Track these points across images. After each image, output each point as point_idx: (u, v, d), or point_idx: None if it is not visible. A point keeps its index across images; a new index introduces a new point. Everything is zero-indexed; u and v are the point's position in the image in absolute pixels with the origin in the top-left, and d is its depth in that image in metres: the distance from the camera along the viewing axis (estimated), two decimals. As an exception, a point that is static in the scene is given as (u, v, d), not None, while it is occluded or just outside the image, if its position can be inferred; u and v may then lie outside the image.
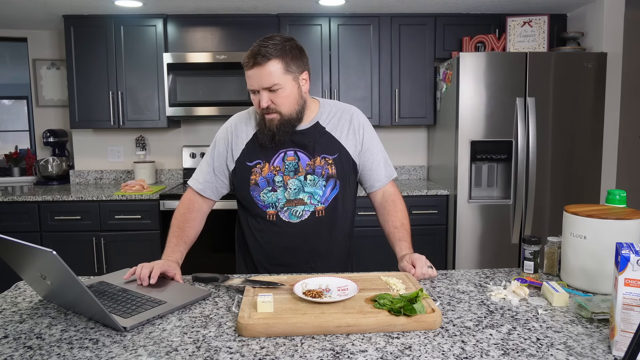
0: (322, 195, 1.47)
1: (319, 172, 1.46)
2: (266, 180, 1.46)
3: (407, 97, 3.39)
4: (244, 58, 1.38)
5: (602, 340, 0.98)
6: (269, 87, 1.36)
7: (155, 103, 3.34)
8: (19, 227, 3.06)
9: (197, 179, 1.58)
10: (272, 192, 1.46)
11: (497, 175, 3.08)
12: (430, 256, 3.42)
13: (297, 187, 1.46)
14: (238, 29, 3.32)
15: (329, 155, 1.48)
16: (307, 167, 1.46)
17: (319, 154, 1.47)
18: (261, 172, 1.47)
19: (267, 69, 1.34)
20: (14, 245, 1.05)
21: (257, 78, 1.36)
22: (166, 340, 1.00)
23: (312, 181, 1.46)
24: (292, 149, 1.47)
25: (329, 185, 1.48)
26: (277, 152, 1.47)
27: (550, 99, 2.93)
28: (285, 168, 1.46)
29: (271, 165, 1.46)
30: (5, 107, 8.12)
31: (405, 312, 1.03)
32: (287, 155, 1.47)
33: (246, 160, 1.49)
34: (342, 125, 1.51)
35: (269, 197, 1.47)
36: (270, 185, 1.46)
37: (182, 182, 3.68)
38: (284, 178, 1.46)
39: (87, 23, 3.28)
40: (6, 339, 1.01)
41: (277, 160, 1.47)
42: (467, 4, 3.15)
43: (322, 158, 1.47)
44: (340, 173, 1.49)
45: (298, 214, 1.47)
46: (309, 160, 1.46)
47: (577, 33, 3.19)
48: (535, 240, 1.33)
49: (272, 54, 1.34)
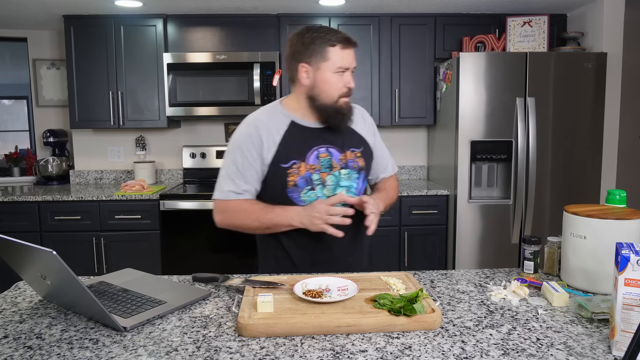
0: (356, 187, 1.51)
1: (352, 165, 1.49)
2: (305, 179, 1.44)
3: (407, 97, 3.39)
4: (338, 36, 1.40)
5: (602, 340, 0.98)
6: (354, 68, 1.45)
7: (155, 103, 3.34)
8: (19, 227, 3.06)
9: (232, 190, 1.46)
10: (312, 191, 1.45)
11: (497, 175, 3.08)
12: (430, 256, 3.43)
13: (334, 183, 1.47)
14: (238, 29, 3.33)
15: (356, 148, 1.52)
16: (340, 162, 1.48)
17: (348, 148, 1.50)
18: (299, 172, 1.44)
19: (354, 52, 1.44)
20: (14, 245, 1.05)
21: (351, 58, 1.42)
22: (166, 340, 1.00)
23: (347, 175, 1.49)
24: (323, 145, 1.47)
25: (360, 178, 1.52)
26: (310, 150, 1.46)
27: (550, 99, 2.93)
28: (320, 165, 1.46)
29: (307, 164, 1.45)
30: (5, 107, 8.12)
31: (405, 312, 1.03)
32: (320, 152, 1.46)
33: (280, 162, 1.44)
34: (358, 121, 1.57)
35: (310, 197, 1.45)
36: (309, 185, 1.44)
37: (182, 182, 3.68)
38: (321, 175, 1.46)
39: (87, 23, 3.28)
40: (6, 339, 1.01)
41: (312, 158, 1.45)
42: (467, 4, 3.15)
43: (351, 152, 1.51)
44: (367, 165, 1.55)
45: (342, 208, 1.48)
46: (340, 154, 1.48)
47: (577, 33, 3.19)
48: (535, 240, 1.33)
49: None
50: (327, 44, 1.39)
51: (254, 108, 3.27)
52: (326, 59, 1.40)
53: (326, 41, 1.39)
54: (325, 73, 1.41)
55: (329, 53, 1.39)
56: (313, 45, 1.40)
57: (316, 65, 1.41)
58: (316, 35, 1.40)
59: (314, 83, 1.42)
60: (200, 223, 3.08)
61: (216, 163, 3.63)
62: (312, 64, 1.41)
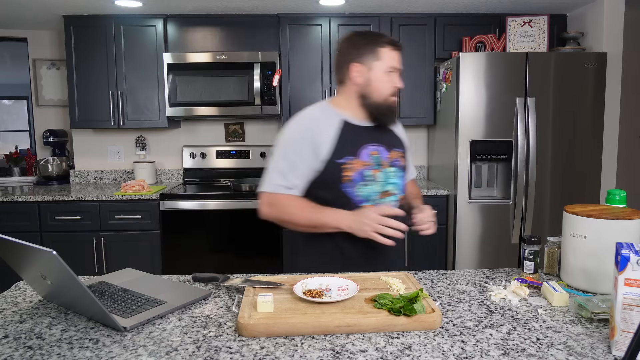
0: (401, 185, 1.60)
1: (397, 164, 1.57)
2: (360, 175, 1.49)
3: (407, 97, 3.39)
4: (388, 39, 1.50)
5: (602, 340, 0.98)
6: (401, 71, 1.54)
7: (155, 103, 3.34)
8: (19, 227, 3.06)
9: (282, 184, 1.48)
10: (365, 186, 1.50)
11: (497, 175, 3.08)
12: (430, 256, 3.42)
13: (384, 180, 1.53)
14: (238, 29, 3.33)
15: (398, 148, 1.60)
16: (388, 160, 1.55)
17: (393, 147, 1.58)
18: (353, 168, 1.49)
19: None
20: (14, 245, 1.05)
21: (399, 60, 1.51)
22: (166, 340, 1.00)
23: (394, 173, 1.56)
24: (372, 144, 1.53)
25: (403, 176, 1.61)
26: (360, 147, 1.51)
27: (550, 99, 2.93)
28: (373, 162, 1.52)
29: (360, 160, 1.50)
30: (5, 107, 8.12)
31: (405, 312, 1.03)
32: (371, 150, 1.53)
33: (335, 158, 1.48)
34: (397, 126, 1.66)
35: (364, 192, 1.50)
36: (364, 180, 1.50)
37: (182, 182, 3.68)
38: (373, 172, 1.51)
39: (87, 23, 3.28)
40: (6, 339, 1.01)
41: (364, 155, 1.51)
42: (467, 4, 3.15)
43: (396, 151, 1.58)
44: (407, 165, 1.65)
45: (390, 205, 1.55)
46: (387, 153, 1.55)
47: (577, 33, 3.19)
48: (535, 240, 1.33)
49: None
50: (378, 45, 1.49)
51: (254, 108, 3.29)
52: (378, 58, 1.48)
53: (377, 43, 1.49)
54: (378, 72, 1.49)
55: (380, 53, 1.48)
56: (365, 46, 1.49)
57: (369, 64, 1.49)
58: (368, 37, 1.51)
59: (366, 82, 1.50)
60: (200, 223, 3.09)
61: (216, 163, 3.63)
62: (364, 63, 1.49)
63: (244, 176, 3.59)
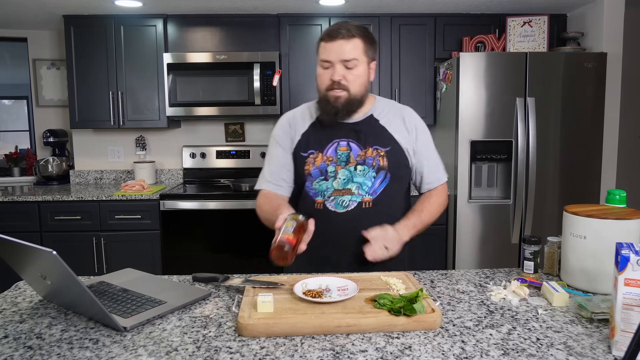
0: (370, 186, 1.48)
1: (370, 162, 1.48)
2: (319, 170, 1.49)
3: (407, 97, 3.39)
4: (325, 32, 1.45)
5: (602, 340, 0.98)
6: (348, 60, 1.41)
7: (155, 103, 3.34)
8: (19, 227, 3.06)
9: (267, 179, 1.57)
10: (324, 181, 1.48)
11: (497, 175, 3.08)
12: (431, 256, 3.42)
13: (347, 177, 1.47)
14: (238, 29, 3.33)
15: (381, 147, 1.50)
16: (357, 158, 1.48)
17: (371, 144, 1.49)
18: (314, 162, 1.49)
19: (351, 43, 1.42)
20: (14, 245, 1.05)
21: (337, 50, 1.41)
22: (166, 340, 1.00)
23: (362, 172, 1.48)
24: (345, 139, 1.50)
25: (379, 177, 1.49)
26: (331, 142, 1.50)
27: (550, 99, 2.93)
28: (337, 158, 1.49)
29: (324, 156, 1.49)
30: (5, 107, 8.12)
31: (405, 312, 1.03)
32: (340, 146, 1.49)
33: (301, 151, 1.52)
34: (396, 122, 1.55)
35: (320, 186, 1.49)
36: (323, 175, 1.48)
37: (182, 182, 3.68)
38: (336, 168, 1.48)
39: (87, 23, 3.28)
40: (6, 339, 1.01)
41: (330, 150, 1.49)
42: (467, 4, 3.15)
43: (374, 149, 1.49)
44: (392, 166, 1.50)
45: (344, 203, 1.47)
46: (360, 150, 1.49)
47: (577, 33, 3.19)
48: (535, 240, 1.33)
49: (357, 33, 1.43)
50: (318, 39, 1.48)
51: (254, 108, 3.29)
52: (317, 53, 1.47)
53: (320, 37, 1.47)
54: (317, 67, 1.48)
55: (318, 48, 1.46)
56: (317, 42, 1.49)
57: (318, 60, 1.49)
58: None
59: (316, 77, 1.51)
60: (200, 223, 3.09)
61: (216, 163, 3.63)
62: None
63: (244, 176, 3.58)
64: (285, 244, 1.16)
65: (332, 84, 1.43)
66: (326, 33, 1.44)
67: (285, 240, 1.17)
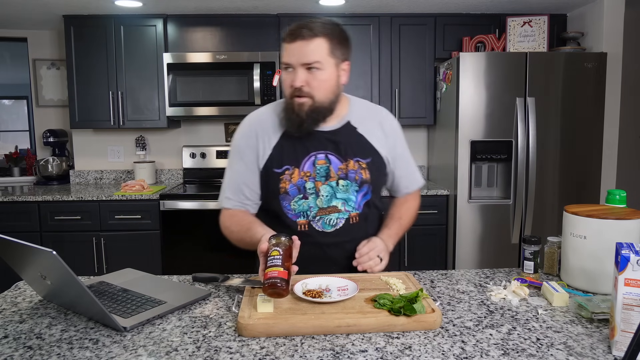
0: (355, 201, 1.37)
1: (352, 176, 1.35)
2: (297, 187, 1.34)
3: (407, 97, 3.39)
4: (287, 31, 1.27)
5: (602, 340, 0.98)
6: (309, 63, 1.25)
7: (155, 103, 3.34)
8: (19, 227, 3.06)
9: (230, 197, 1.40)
10: (304, 199, 1.34)
11: (497, 175, 3.08)
12: (431, 256, 3.42)
13: (329, 194, 1.34)
14: (238, 29, 3.33)
15: (362, 159, 1.37)
16: (339, 172, 1.35)
17: (352, 156, 1.36)
18: (291, 179, 1.33)
19: (313, 44, 1.25)
20: (14, 245, 1.05)
21: (297, 53, 1.25)
22: (166, 340, 1.00)
23: (345, 187, 1.35)
24: (323, 152, 1.35)
25: (362, 191, 1.37)
26: (307, 155, 1.35)
27: (550, 99, 2.93)
28: (316, 173, 1.34)
29: (301, 171, 1.34)
30: (5, 107, 8.12)
31: (405, 312, 1.03)
32: (318, 159, 1.34)
33: (274, 167, 1.35)
34: (374, 128, 1.42)
35: (300, 206, 1.34)
36: (302, 193, 1.34)
37: (182, 182, 3.68)
38: (316, 184, 1.34)
39: (87, 23, 3.28)
40: (6, 339, 1.01)
41: (307, 164, 1.34)
42: (467, 4, 3.15)
43: (355, 161, 1.36)
44: (374, 178, 1.39)
45: (332, 222, 1.36)
46: (340, 163, 1.35)
47: (577, 33, 3.19)
48: (535, 240, 1.33)
49: (321, 32, 1.26)
50: (282, 39, 1.30)
51: (254, 108, 3.26)
52: (282, 56, 1.31)
53: (284, 38, 1.29)
54: (282, 71, 1.32)
55: (282, 50, 1.30)
56: None
57: None
58: None
59: None
60: (200, 223, 3.08)
61: (216, 163, 3.63)
62: None
63: (244, 176, 3.58)
64: (277, 281, 1.05)
65: (294, 91, 1.28)
66: (286, 34, 1.27)
67: (277, 276, 1.06)
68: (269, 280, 1.06)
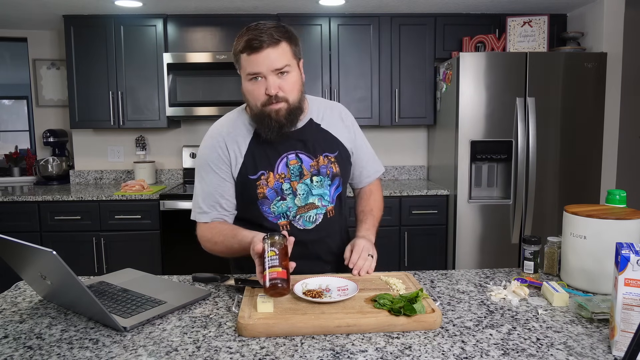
0: (330, 195, 1.42)
1: (324, 171, 1.40)
2: (274, 190, 1.36)
3: (407, 97, 3.39)
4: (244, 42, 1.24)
5: (602, 340, 0.98)
6: (280, 68, 1.25)
7: (155, 103, 3.34)
8: (19, 227, 3.06)
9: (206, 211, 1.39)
10: (282, 201, 1.37)
11: (497, 175, 3.08)
12: (431, 256, 3.42)
13: (306, 192, 1.38)
14: (238, 29, 3.25)
15: (330, 153, 1.42)
16: (311, 169, 1.38)
17: (321, 152, 1.40)
18: (267, 183, 1.36)
19: (279, 49, 1.25)
20: (14, 245, 1.05)
21: (266, 60, 1.24)
22: (166, 340, 1.00)
23: (319, 182, 1.39)
24: (293, 151, 1.38)
25: (334, 184, 1.42)
26: (279, 157, 1.37)
27: (550, 99, 2.93)
28: (291, 174, 1.37)
29: (276, 174, 1.36)
30: (5, 107, 8.12)
31: (405, 312, 1.03)
32: (290, 160, 1.37)
33: (249, 173, 1.36)
34: (335, 122, 1.46)
35: (279, 207, 1.37)
36: (279, 195, 1.37)
37: (182, 182, 3.68)
38: (292, 184, 1.37)
39: (87, 23, 3.28)
40: (6, 339, 1.01)
41: (281, 166, 1.37)
42: (467, 4, 3.15)
43: (324, 157, 1.40)
44: (343, 171, 1.44)
45: (312, 219, 1.40)
46: (311, 161, 1.39)
47: (577, 33, 3.19)
48: (535, 240, 1.33)
49: (282, 36, 1.26)
50: (237, 51, 1.28)
51: (254, 108, 3.29)
52: (240, 67, 1.30)
53: (237, 48, 1.28)
54: (244, 82, 1.31)
55: (240, 61, 1.28)
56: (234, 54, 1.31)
57: (240, 72, 1.32)
58: (236, 41, 1.29)
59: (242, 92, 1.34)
60: (200, 223, 3.08)
61: (216, 163, 3.62)
62: (239, 71, 1.33)
63: (244, 176, 3.58)
64: (278, 282, 1.07)
65: (268, 99, 1.27)
66: (247, 44, 1.24)
67: (277, 277, 1.07)
68: (270, 281, 1.07)
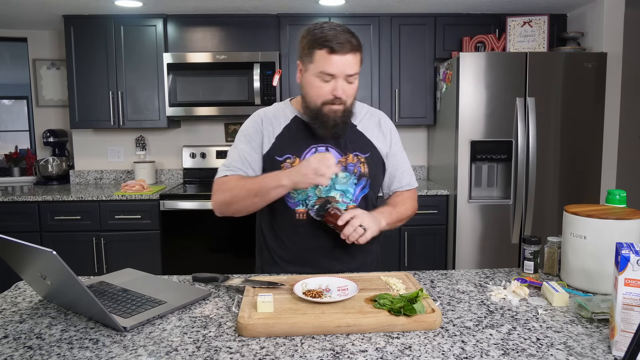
0: (353, 194, 1.43)
1: (351, 169, 1.42)
2: None
3: (407, 97, 3.39)
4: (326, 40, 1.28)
5: (602, 340, 0.98)
6: (352, 74, 1.32)
7: (155, 103, 3.34)
8: (19, 227, 3.06)
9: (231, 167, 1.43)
10: (303, 189, 1.39)
11: (497, 175, 3.08)
12: (431, 256, 3.42)
13: (329, 185, 1.39)
14: (238, 29, 3.33)
15: (361, 153, 1.45)
16: (338, 164, 1.40)
17: (351, 151, 1.43)
18: (291, 167, 1.38)
19: (357, 57, 1.33)
20: (14, 245, 1.05)
21: (345, 65, 1.30)
22: (166, 340, 1.00)
23: (345, 179, 1.42)
24: (324, 144, 1.42)
25: (360, 184, 1.44)
26: (308, 147, 1.41)
27: (550, 99, 2.93)
28: None
29: (302, 161, 1.39)
30: (5, 107, 8.12)
31: (405, 312, 1.03)
32: (319, 151, 1.40)
33: (276, 154, 1.41)
34: (371, 126, 1.50)
35: (299, 195, 1.40)
36: None
37: (182, 182, 3.68)
38: None
39: (87, 23, 3.28)
40: (6, 339, 1.01)
41: (308, 155, 1.40)
42: (467, 4, 3.15)
43: (354, 155, 1.44)
44: (372, 173, 1.46)
45: None
46: (340, 157, 1.42)
47: (577, 33, 3.19)
48: (535, 240, 1.33)
49: (359, 45, 1.33)
50: (315, 44, 1.31)
51: (254, 108, 3.29)
52: (312, 60, 1.33)
53: (316, 41, 1.31)
54: (309, 75, 1.35)
55: (315, 55, 1.32)
56: (305, 43, 1.34)
57: (305, 65, 1.36)
58: (313, 32, 1.33)
59: (302, 83, 1.39)
60: (200, 223, 3.08)
61: (216, 163, 3.63)
62: (303, 63, 1.37)
63: (244, 176, 3.58)
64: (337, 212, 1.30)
65: (332, 99, 1.33)
66: (329, 44, 1.28)
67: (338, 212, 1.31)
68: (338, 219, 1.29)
